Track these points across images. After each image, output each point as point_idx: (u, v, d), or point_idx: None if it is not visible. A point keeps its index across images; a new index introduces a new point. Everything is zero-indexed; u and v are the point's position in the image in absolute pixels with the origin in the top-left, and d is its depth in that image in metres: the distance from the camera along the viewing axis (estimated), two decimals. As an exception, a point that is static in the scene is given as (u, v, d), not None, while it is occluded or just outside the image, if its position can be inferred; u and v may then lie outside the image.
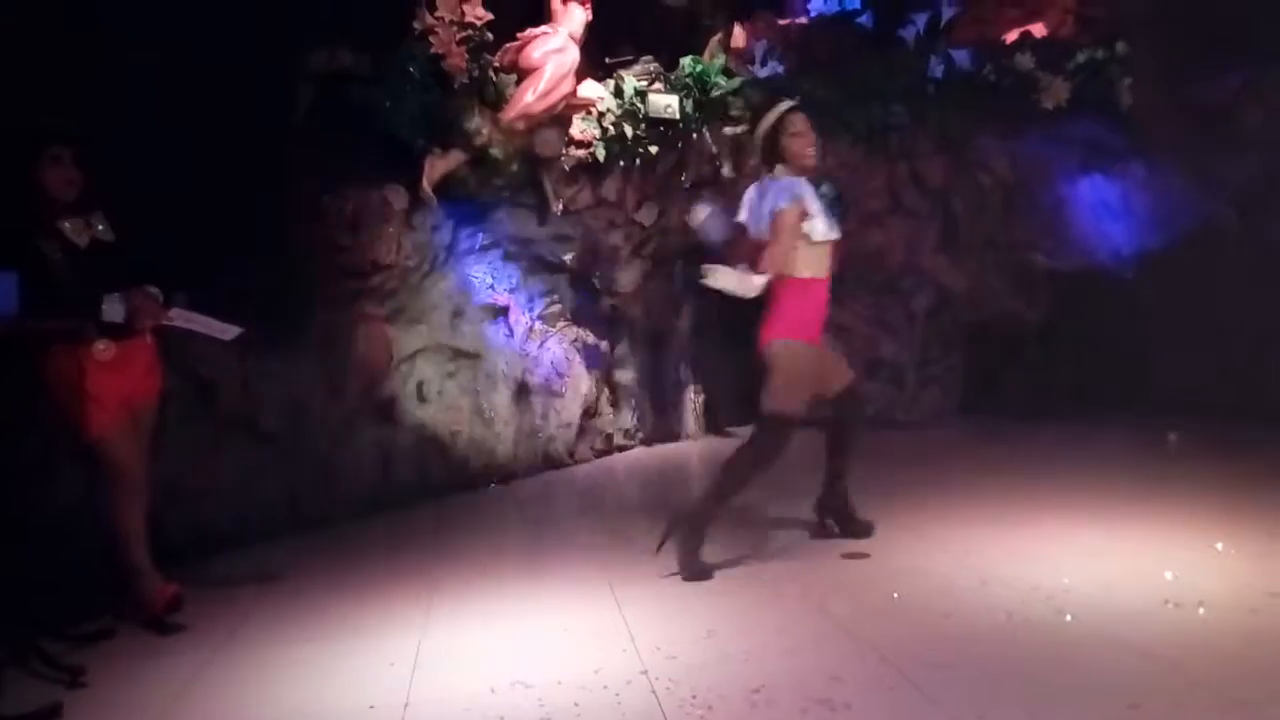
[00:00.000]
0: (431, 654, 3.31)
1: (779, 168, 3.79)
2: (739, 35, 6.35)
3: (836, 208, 3.87)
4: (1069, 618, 3.16)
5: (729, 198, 5.97)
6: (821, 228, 3.73)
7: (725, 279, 3.67)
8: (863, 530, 4.10)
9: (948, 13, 6.48)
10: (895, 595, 3.47)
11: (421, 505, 5.22)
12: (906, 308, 6.35)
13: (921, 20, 6.44)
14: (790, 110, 3.80)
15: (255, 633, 3.65)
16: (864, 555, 3.91)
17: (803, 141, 3.76)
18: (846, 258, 4.09)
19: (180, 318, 3.73)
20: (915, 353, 6.32)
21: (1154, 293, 5.87)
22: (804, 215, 3.69)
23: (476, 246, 5.61)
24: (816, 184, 3.85)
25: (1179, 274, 5.75)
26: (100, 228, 3.64)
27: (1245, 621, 3.03)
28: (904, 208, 6.23)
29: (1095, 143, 6.11)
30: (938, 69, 6.23)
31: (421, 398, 5.35)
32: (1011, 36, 6.54)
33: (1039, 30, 6.57)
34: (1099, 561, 3.63)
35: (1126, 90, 6.18)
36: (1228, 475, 4.52)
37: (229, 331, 3.84)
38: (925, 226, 6.26)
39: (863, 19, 6.77)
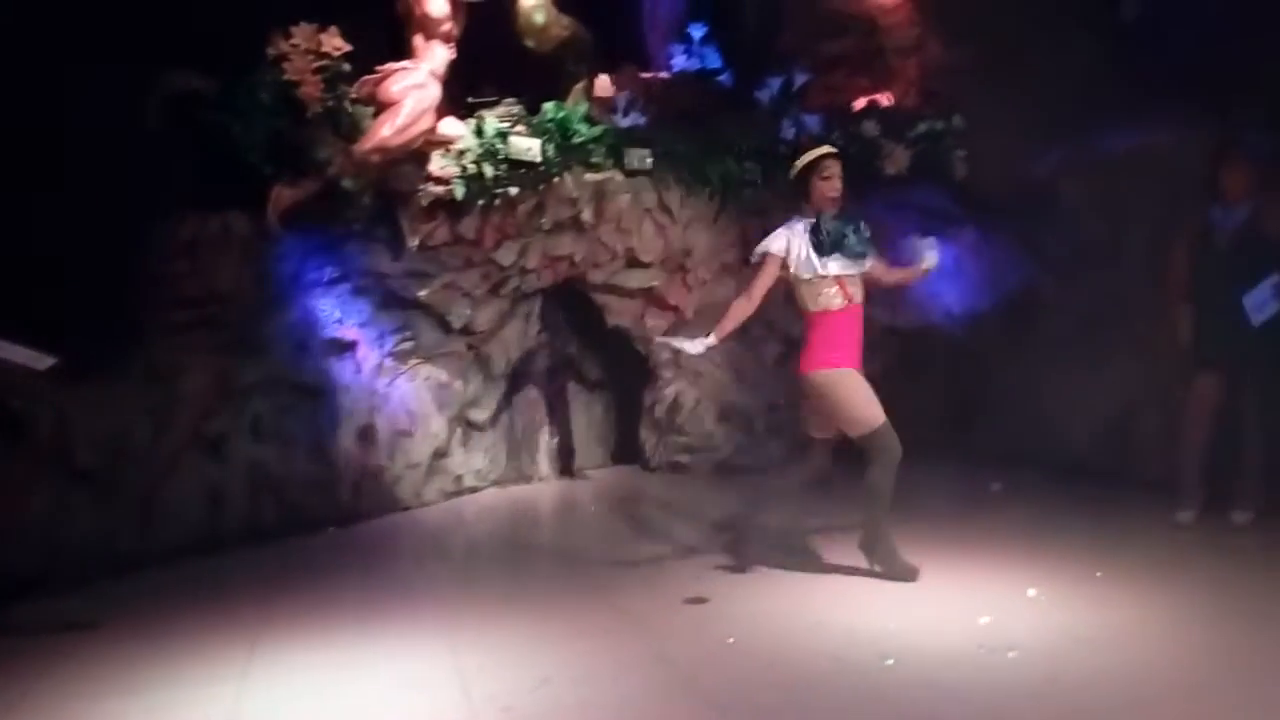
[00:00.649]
0: (251, 710, 3.14)
1: (802, 204, 4.16)
2: (602, 85, 6.47)
3: (858, 244, 4.11)
4: (890, 661, 3.28)
5: (591, 242, 6.10)
6: (810, 267, 4.04)
7: (680, 344, 4.13)
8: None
9: (800, 78, 6.79)
10: (730, 640, 3.53)
11: (252, 549, 4.96)
12: (758, 355, 6.53)
13: (776, 84, 6.73)
14: (828, 155, 4.13)
15: (61, 685, 3.39)
16: (703, 600, 3.96)
17: (830, 185, 4.11)
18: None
19: (-13, 345, 3.47)
20: (763, 400, 6.50)
21: (980, 351, 6.23)
22: (782, 264, 4.07)
23: (324, 279, 5.44)
24: (838, 222, 4.10)
25: (1003, 335, 6.15)
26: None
27: (1049, 666, 3.22)
28: (755, 260, 6.44)
29: (932, 208, 6.48)
30: (789, 130, 6.51)
31: (256, 434, 5.12)
32: (860, 104, 6.92)
33: (885, 99, 6.97)
34: (921, 606, 3.79)
35: (960, 161, 6.64)
36: (1041, 524, 4.82)
37: (42, 361, 3.61)
38: (774, 279, 6.48)
39: (722, 78, 7.04)
